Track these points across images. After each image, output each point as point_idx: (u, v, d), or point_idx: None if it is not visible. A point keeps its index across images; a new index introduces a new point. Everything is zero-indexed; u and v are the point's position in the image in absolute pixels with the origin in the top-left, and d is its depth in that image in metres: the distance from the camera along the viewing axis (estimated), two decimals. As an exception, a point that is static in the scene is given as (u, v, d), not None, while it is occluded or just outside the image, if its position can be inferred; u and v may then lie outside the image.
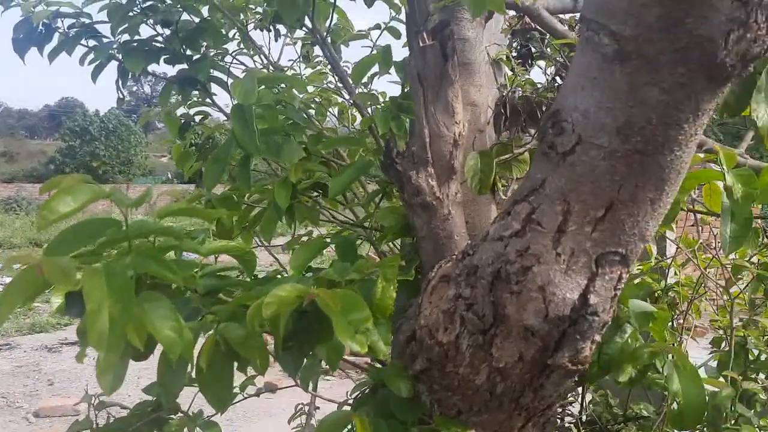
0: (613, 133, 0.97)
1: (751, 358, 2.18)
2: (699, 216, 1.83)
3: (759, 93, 1.17)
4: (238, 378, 1.37)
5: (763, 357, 2.19)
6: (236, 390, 1.88)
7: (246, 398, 1.98)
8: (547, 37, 2.23)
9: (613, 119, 0.96)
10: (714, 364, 2.21)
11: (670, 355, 1.39)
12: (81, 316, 0.94)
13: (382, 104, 1.84)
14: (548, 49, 2.41)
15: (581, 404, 2.07)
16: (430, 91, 1.40)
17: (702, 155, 1.46)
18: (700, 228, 2.17)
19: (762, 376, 2.18)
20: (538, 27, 2.17)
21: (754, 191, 1.31)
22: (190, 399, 1.64)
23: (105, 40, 1.87)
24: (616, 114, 0.96)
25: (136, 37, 1.86)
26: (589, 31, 0.95)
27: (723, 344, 2.20)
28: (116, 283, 0.82)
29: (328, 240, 1.60)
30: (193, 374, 1.08)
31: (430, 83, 1.40)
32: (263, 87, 1.66)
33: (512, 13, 2.12)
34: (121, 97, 2.02)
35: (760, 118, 1.18)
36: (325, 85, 2.45)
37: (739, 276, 2.21)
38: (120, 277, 0.83)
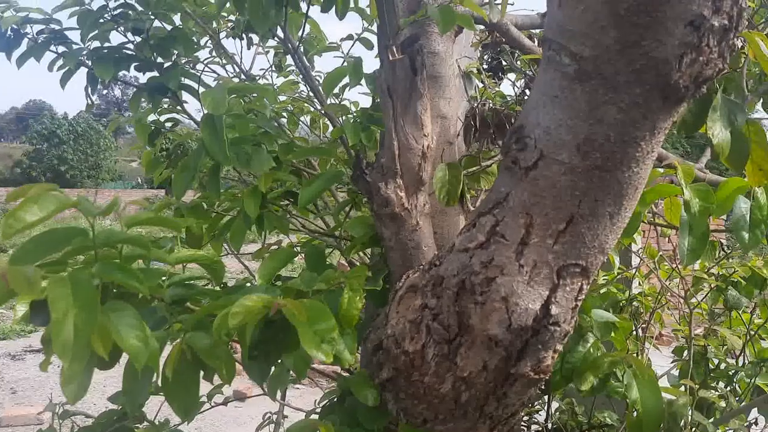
0: (574, 149, 1.00)
1: (711, 367, 2.24)
2: (660, 228, 1.88)
3: (714, 112, 1.22)
4: (207, 387, 1.38)
5: (722, 366, 2.25)
6: (204, 399, 1.87)
7: (213, 407, 1.97)
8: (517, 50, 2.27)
9: (573, 136, 1.00)
10: (676, 372, 2.27)
11: (630, 364, 1.42)
12: (46, 325, 0.94)
13: (354, 114, 1.86)
14: (518, 62, 2.46)
15: (547, 412, 2.10)
16: (400, 104, 1.42)
17: (662, 170, 1.51)
18: (668, 239, 2.23)
19: (722, 384, 2.23)
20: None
21: (710, 206, 1.35)
22: (157, 408, 1.63)
23: (74, 47, 1.86)
24: (577, 131, 0.99)
25: (106, 44, 1.86)
26: (551, 50, 0.98)
27: (685, 353, 2.25)
28: (82, 292, 0.82)
29: (298, 249, 1.61)
30: (159, 383, 1.08)
31: (400, 96, 1.42)
32: (234, 96, 1.67)
33: (483, 27, 2.15)
34: (91, 103, 2.01)
35: (716, 135, 1.22)
36: (297, 95, 2.46)
37: (701, 287, 2.27)
38: (85, 286, 0.83)
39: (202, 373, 1.12)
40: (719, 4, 0.88)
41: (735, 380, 2.20)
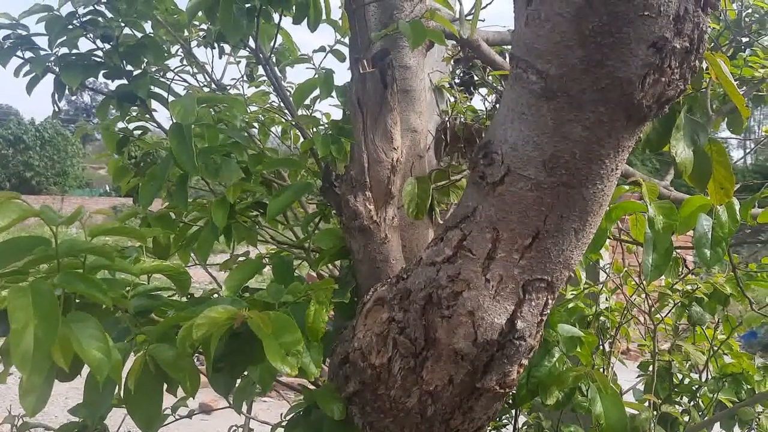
0: (540, 165, 1.02)
1: (675, 382, 2.27)
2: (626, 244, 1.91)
3: (678, 131, 1.24)
4: (171, 399, 1.36)
5: (686, 381, 2.29)
6: (168, 411, 1.85)
7: (178, 419, 1.95)
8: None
9: (539, 153, 1.01)
10: (642, 387, 2.30)
11: (594, 379, 1.44)
12: (4, 335, 0.93)
13: (325, 125, 1.86)
14: (490, 78, 2.48)
15: (514, 426, 2.11)
16: (370, 117, 1.42)
17: (627, 187, 1.53)
18: (635, 255, 2.26)
19: (686, 399, 2.27)
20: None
21: (674, 223, 1.37)
22: (120, 420, 1.60)
23: (42, 53, 1.83)
24: (543, 148, 1.00)
25: (74, 51, 1.83)
26: (518, 68, 0.99)
27: (650, 368, 2.28)
28: (42, 302, 0.81)
29: (265, 261, 1.60)
30: (122, 394, 1.07)
31: (370, 110, 1.43)
32: (203, 106, 1.66)
33: (454, 42, 2.17)
34: (57, 110, 1.98)
35: (679, 154, 1.25)
36: (268, 105, 2.46)
37: (666, 303, 2.30)
38: (46, 297, 0.81)
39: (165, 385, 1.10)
40: (681, 27, 0.90)
41: (698, 395, 2.23)
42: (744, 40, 2.38)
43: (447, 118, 2.11)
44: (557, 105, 0.97)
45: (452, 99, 2.20)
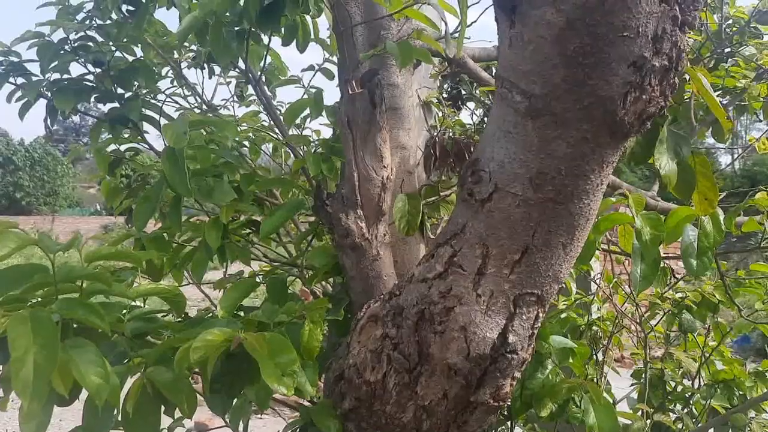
0: (527, 182, 1.04)
1: (669, 389, 2.29)
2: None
3: (661, 144, 1.27)
4: (166, 419, 1.36)
5: (679, 389, 2.30)
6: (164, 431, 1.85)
7: (174, 440, 1.95)
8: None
9: (526, 170, 1.03)
10: (635, 395, 2.31)
11: (587, 390, 1.46)
12: (4, 363, 0.94)
13: (315, 143, 1.88)
14: (477, 92, 2.51)
15: (509, 438, 2.12)
16: (360, 136, 1.45)
17: (614, 198, 1.55)
18: (624, 265, 2.28)
19: (679, 406, 2.28)
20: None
21: (661, 234, 1.40)
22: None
23: (34, 78, 1.85)
24: (529, 165, 1.03)
25: (66, 76, 1.85)
26: (503, 88, 1.02)
27: (643, 377, 2.30)
28: (42, 330, 0.82)
29: (259, 279, 1.62)
30: (119, 418, 1.07)
31: (360, 129, 1.45)
32: (195, 129, 1.68)
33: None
34: (50, 134, 2.00)
35: (663, 167, 1.27)
36: (259, 125, 2.48)
37: (657, 311, 2.33)
38: (46, 324, 0.83)
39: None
40: (659, 46, 0.93)
41: (691, 402, 2.25)
42: (726, 50, 2.42)
43: (436, 133, 2.13)
44: (542, 123, 0.99)
45: (440, 114, 2.23)
